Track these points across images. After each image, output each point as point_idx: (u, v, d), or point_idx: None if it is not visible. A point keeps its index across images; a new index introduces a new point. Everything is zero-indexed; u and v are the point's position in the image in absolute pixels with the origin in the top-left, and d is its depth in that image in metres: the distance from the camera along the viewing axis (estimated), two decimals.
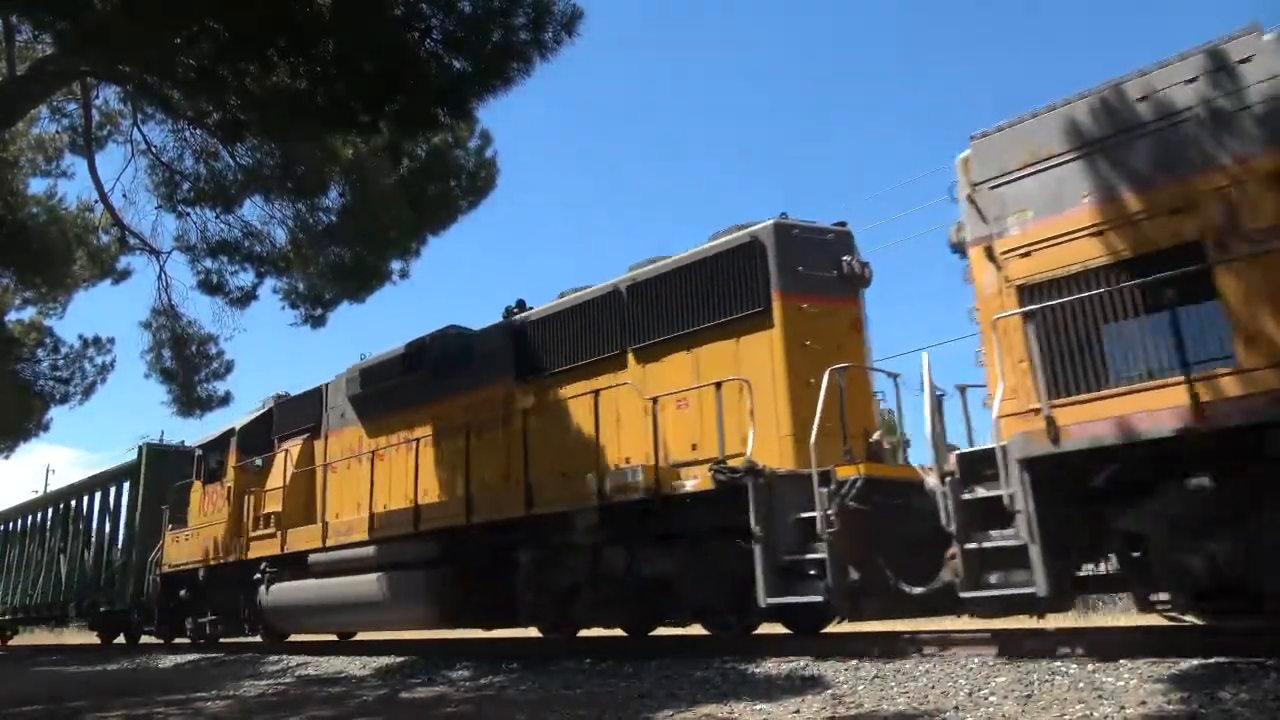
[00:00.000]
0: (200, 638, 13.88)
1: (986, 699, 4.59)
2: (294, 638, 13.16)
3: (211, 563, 13.27)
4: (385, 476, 10.58)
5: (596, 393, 8.23)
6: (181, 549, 14.30)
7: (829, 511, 6.16)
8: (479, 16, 7.20)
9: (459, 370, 10.25)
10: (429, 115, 7.75)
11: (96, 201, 12.99)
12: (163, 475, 16.71)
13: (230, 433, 13.78)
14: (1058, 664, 5.03)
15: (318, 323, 13.27)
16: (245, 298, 12.88)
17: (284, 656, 11.08)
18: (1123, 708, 4.07)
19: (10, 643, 25.15)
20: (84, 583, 18.95)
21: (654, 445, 7.63)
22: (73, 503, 20.74)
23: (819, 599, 6.27)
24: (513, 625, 9.83)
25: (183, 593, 14.13)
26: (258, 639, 13.21)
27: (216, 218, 12.03)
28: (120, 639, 18.82)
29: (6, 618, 23.26)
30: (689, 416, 7.77)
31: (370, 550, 10.28)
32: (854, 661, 5.97)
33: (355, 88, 7.09)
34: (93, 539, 19.57)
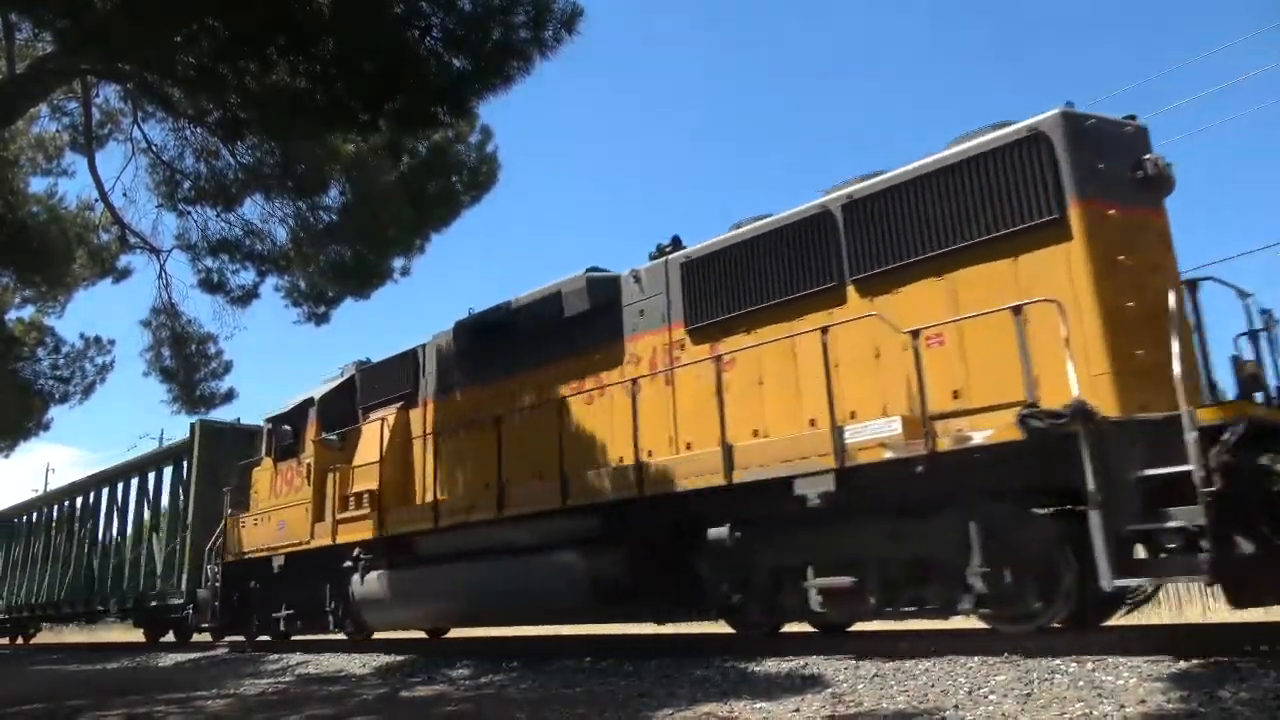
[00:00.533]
0: (274, 634, 12.65)
1: (986, 697, 4.60)
2: (288, 637, 12.43)
3: (288, 550, 11.63)
4: (514, 444, 8.94)
5: (824, 329, 6.64)
6: (249, 535, 12.64)
7: (1208, 463, 4.79)
8: (479, 15, 7.21)
9: (605, 318, 8.65)
10: (429, 114, 7.76)
11: (97, 200, 13.01)
12: (218, 455, 15.30)
13: (308, 404, 12.01)
14: (1057, 662, 5.03)
15: (321, 320, 13.30)
16: (246, 296, 12.91)
17: (284, 655, 11.09)
18: (1122, 706, 4.07)
19: (32, 641, 24.59)
20: (124, 576, 17.89)
21: (918, 390, 5.98)
22: (103, 492, 19.90)
23: (1189, 577, 5.21)
24: (695, 619, 8.53)
25: (252, 584, 12.59)
26: (341, 635, 11.80)
27: (217, 216, 12.06)
28: (169, 636, 17.74)
29: (25, 615, 22.52)
30: (946, 356, 6.26)
31: (503, 530, 8.82)
32: (854, 660, 5.97)
33: (355, 86, 7.09)
34: (129, 528, 18.68)
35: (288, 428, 12.22)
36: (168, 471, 17.69)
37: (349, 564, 10.60)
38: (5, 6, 8.11)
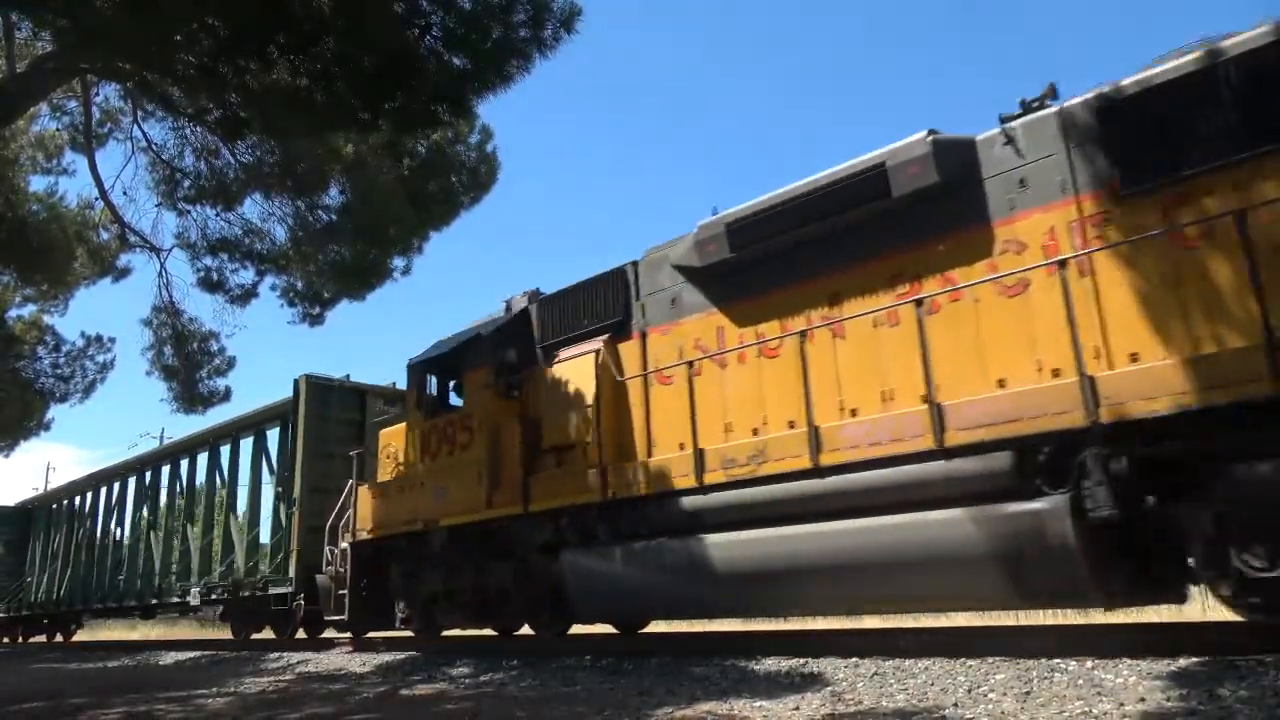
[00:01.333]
0: (425, 628, 10.20)
1: (985, 695, 4.60)
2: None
3: (452, 521, 9.38)
4: (824, 369, 6.96)
5: None
6: (387, 507, 10.30)
7: None
8: (479, 14, 7.21)
9: (960, 196, 6.48)
10: (429, 112, 7.76)
11: (97, 199, 13.04)
12: (327, 416, 13.37)
13: (473, 342, 9.63)
14: (1057, 661, 5.03)
15: (316, 321, 13.31)
16: (246, 295, 12.94)
17: (284, 654, 11.10)
18: (1122, 704, 4.07)
19: (73, 639, 23.18)
20: (196, 561, 15.89)
21: None
22: (162, 470, 18.36)
23: None
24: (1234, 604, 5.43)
25: (394, 569, 10.26)
26: (526, 630, 9.73)
27: (217, 215, 12.11)
28: (264, 632, 14.68)
29: (65, 609, 21.05)
30: None
31: (813, 485, 6.62)
32: (853, 659, 5.97)
33: (355, 85, 7.09)
34: (200, 508, 16.80)
35: (437, 376, 10.18)
36: (246, 444, 15.80)
37: (547, 540, 8.58)
38: (5, 6, 8.11)
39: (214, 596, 15.31)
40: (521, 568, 8.90)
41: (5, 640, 24.25)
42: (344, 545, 10.92)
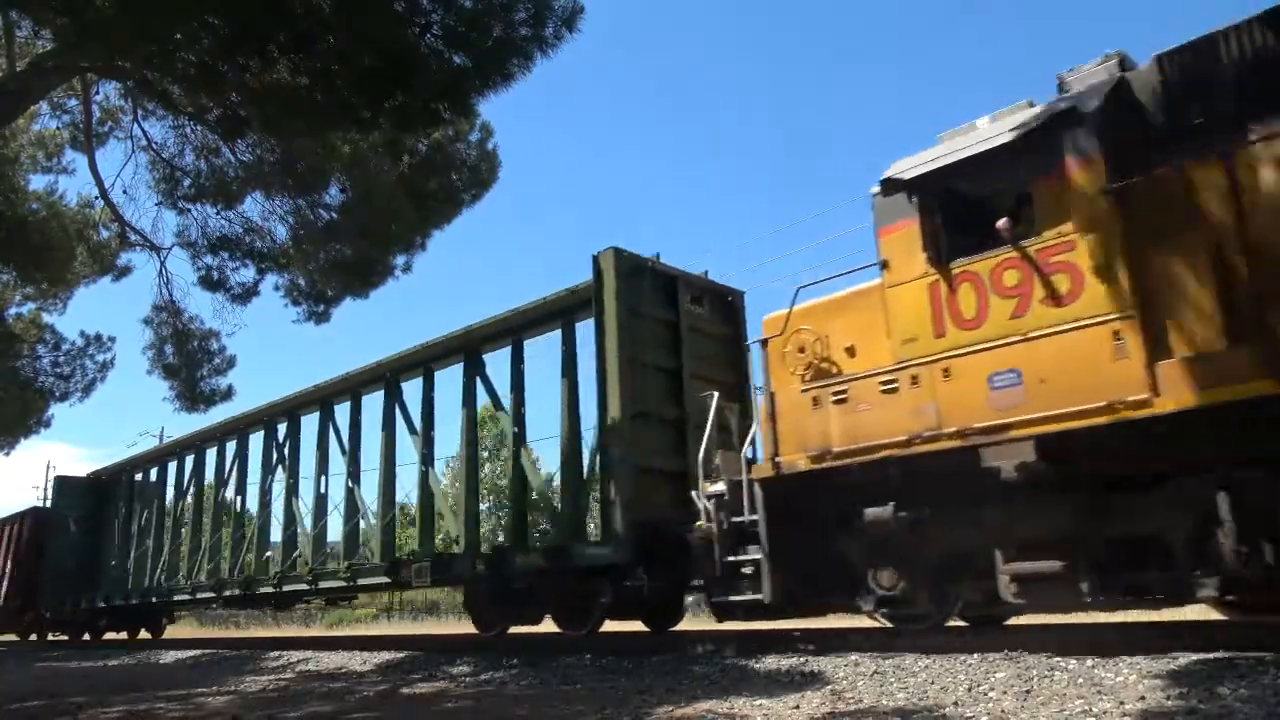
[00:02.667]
0: (973, 616, 6.87)
1: (986, 694, 4.60)
2: (290, 632, 9.82)
3: (1044, 430, 5.64)
4: None
5: None
6: (844, 422, 6.66)
7: None
8: (479, 12, 7.21)
9: None
10: (430, 111, 7.76)
11: (97, 198, 13.07)
12: (640, 312, 9.33)
13: (1053, 124, 5.93)
14: (1057, 659, 5.04)
15: (321, 318, 13.31)
16: (246, 294, 12.95)
17: (284, 652, 11.09)
18: (1122, 703, 4.08)
19: (163, 635, 19.94)
20: (388, 533, 12.36)
21: None
22: (305, 418, 14.14)
23: None
24: None
25: (869, 517, 6.44)
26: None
27: (217, 214, 12.12)
28: (541, 624, 10.30)
29: (159, 600, 16.96)
30: None
31: None
32: (854, 657, 5.98)
33: (356, 84, 7.09)
34: (366, 462, 12.88)
35: (951, 199, 6.43)
36: (450, 375, 11.66)
37: None
38: (5, 4, 8.10)
39: (474, 569, 10.28)
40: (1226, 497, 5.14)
41: (86, 637, 20.09)
42: (717, 488, 7.47)
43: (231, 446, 16.35)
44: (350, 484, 13.14)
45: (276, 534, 14.55)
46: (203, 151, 11.31)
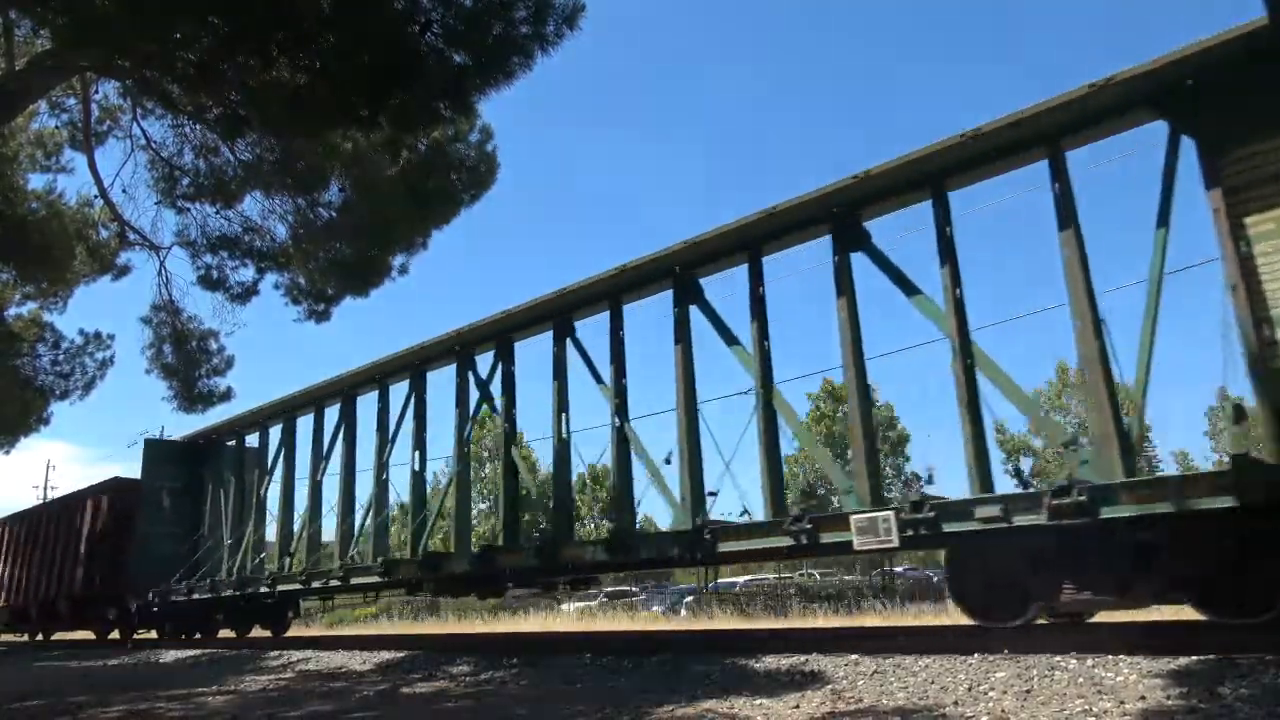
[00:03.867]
0: None
1: (986, 694, 4.60)
2: (290, 631, 9.05)
3: None
4: None
5: None
6: None
7: None
8: (479, 10, 7.19)
9: None
10: (430, 110, 7.74)
11: (96, 197, 13.05)
12: None
13: None
14: (1057, 659, 5.04)
15: (321, 317, 13.29)
16: (246, 293, 12.94)
17: (285, 651, 11.09)
18: (1122, 703, 4.08)
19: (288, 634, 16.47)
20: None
21: None
22: (479, 357, 11.87)
23: None
24: None
25: None
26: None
27: (216, 213, 12.10)
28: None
29: (271, 590, 13.30)
30: None
31: None
32: (854, 657, 5.98)
33: (355, 82, 7.08)
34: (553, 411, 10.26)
35: None
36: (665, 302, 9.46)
37: None
38: (5, 4, 8.09)
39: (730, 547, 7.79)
40: None
41: (197, 636, 16.28)
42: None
43: (375, 398, 13.42)
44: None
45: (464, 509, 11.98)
46: (202, 150, 11.28)
